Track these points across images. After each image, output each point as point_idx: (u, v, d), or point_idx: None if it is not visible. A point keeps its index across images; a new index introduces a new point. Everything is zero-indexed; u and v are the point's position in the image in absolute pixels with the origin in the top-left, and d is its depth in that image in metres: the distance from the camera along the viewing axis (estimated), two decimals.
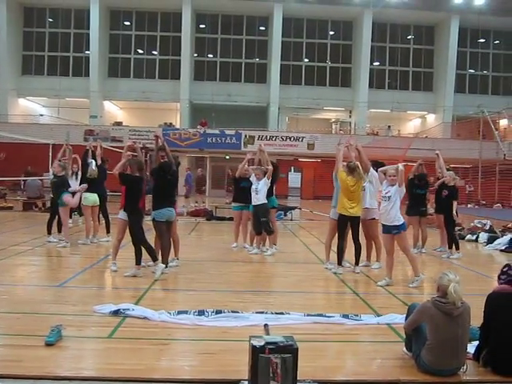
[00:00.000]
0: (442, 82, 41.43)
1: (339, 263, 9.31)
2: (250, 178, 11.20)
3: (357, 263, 9.45)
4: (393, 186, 8.39)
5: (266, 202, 11.08)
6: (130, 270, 8.46)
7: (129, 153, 9.37)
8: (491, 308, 4.78)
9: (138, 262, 8.54)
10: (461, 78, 42.34)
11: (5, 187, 26.54)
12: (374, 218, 9.60)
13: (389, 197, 8.34)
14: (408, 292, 7.98)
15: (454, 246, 11.63)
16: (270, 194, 11.41)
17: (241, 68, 42.91)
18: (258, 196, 10.98)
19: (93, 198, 11.96)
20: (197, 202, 25.88)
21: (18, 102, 40.96)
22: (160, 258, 8.70)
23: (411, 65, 43.34)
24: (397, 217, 8.30)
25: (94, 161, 12.19)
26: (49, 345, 4.90)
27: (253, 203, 11.14)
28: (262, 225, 11.11)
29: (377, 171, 9.55)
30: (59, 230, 12.17)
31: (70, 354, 4.81)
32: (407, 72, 43.41)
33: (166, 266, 8.74)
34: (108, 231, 12.55)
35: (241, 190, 11.59)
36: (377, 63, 42.79)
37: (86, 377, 4.34)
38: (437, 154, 12.07)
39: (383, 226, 8.53)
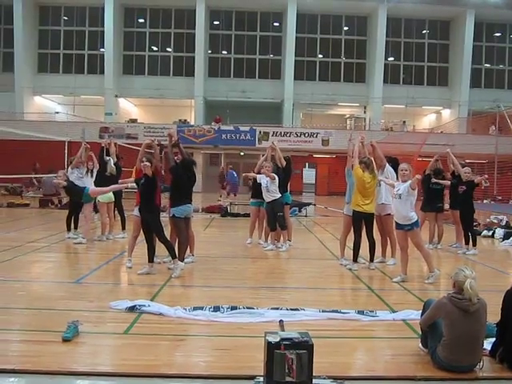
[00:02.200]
0: (458, 76, 41.07)
1: (354, 260, 9.30)
2: (260, 178, 11.29)
3: (371, 259, 9.41)
4: (404, 182, 8.33)
5: (280, 195, 11.15)
6: (143, 267, 8.49)
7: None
8: (508, 305, 4.74)
9: (151, 259, 8.58)
10: (476, 72, 41.93)
11: (21, 184, 26.80)
12: (390, 214, 9.53)
13: (399, 195, 8.27)
14: (423, 288, 7.94)
15: (470, 242, 11.55)
16: (284, 190, 11.45)
17: (255, 64, 42.86)
18: (270, 193, 11.07)
19: (108, 195, 12.04)
20: (221, 197, 26.45)
21: (34, 100, 41.24)
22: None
23: (426, 60, 42.97)
24: (408, 216, 8.22)
25: (111, 158, 12.31)
26: (66, 340, 4.94)
27: (266, 200, 11.19)
28: (278, 219, 11.15)
29: (392, 167, 9.52)
30: (76, 227, 12.26)
31: (86, 350, 4.85)
32: (422, 67, 43.08)
33: (171, 260, 8.85)
34: (123, 227, 12.63)
35: (259, 186, 11.59)
36: (391, 58, 42.49)
37: (103, 372, 4.37)
38: (448, 152, 12.01)
39: (396, 222, 8.51)
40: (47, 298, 6.73)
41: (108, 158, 12.30)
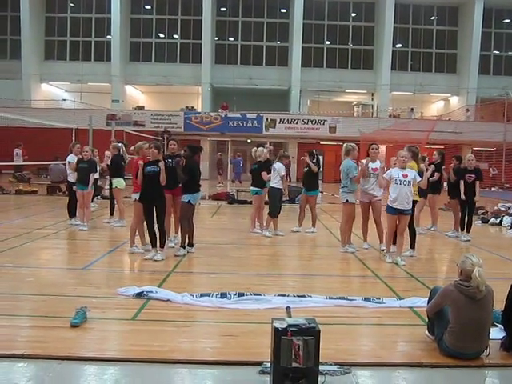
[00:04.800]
0: (466, 63, 40.70)
1: (412, 246, 9.29)
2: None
3: (412, 246, 9.33)
4: (403, 168, 8.41)
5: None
6: (151, 253, 8.50)
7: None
8: None
9: (155, 244, 8.59)
10: (485, 59, 41.49)
11: (29, 171, 26.87)
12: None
13: (409, 181, 8.44)
14: (430, 275, 7.95)
15: (465, 228, 11.53)
16: (315, 186, 12.38)
17: (262, 51, 42.64)
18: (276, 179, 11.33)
19: (124, 182, 12.26)
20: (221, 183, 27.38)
21: (41, 87, 41.24)
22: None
23: (434, 46, 42.58)
24: (411, 200, 8.55)
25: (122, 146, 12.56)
26: (74, 326, 4.98)
27: (272, 185, 11.35)
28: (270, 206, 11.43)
29: None
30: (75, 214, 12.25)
31: (94, 336, 4.89)
32: (430, 54, 42.72)
33: (187, 247, 8.99)
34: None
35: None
36: (399, 45, 42.12)
37: (110, 358, 4.40)
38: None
39: (393, 208, 8.50)
40: (55, 284, 6.78)
41: (120, 144, 12.40)
